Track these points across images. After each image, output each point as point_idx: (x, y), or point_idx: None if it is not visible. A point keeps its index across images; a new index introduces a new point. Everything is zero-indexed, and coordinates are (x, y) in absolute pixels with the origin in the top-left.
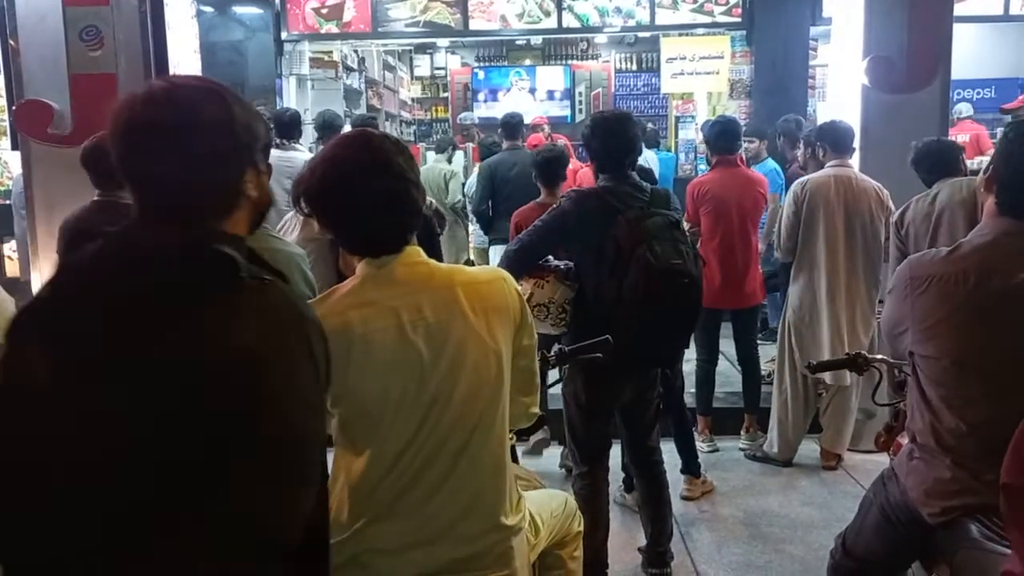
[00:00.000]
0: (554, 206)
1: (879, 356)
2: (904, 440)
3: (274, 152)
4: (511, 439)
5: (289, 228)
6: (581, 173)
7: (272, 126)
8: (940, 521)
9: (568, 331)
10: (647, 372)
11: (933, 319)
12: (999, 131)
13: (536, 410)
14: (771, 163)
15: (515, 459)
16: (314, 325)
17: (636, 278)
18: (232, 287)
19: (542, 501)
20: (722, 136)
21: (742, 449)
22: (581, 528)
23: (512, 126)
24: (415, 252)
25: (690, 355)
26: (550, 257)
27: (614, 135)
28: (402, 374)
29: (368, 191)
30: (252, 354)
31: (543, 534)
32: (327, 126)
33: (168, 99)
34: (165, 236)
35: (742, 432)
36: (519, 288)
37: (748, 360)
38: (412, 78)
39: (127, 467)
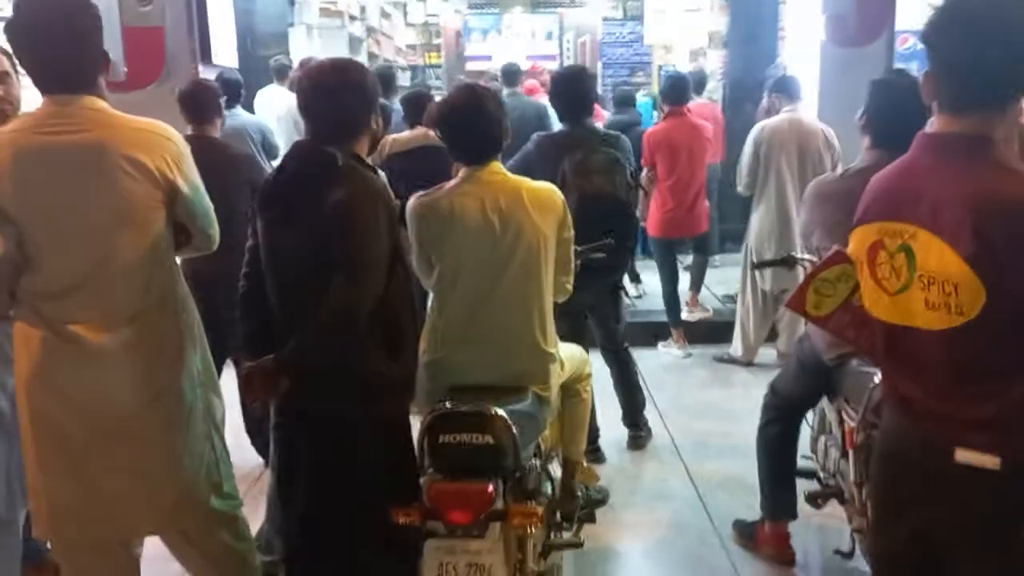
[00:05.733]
0: (524, 146)
1: (807, 256)
2: None
3: None
4: None
5: None
6: None
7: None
8: (835, 363)
9: None
10: (600, 279)
11: (832, 222)
12: None
13: (570, 286)
14: None
15: None
16: (381, 193)
17: (576, 203)
18: (335, 171)
19: (564, 346)
20: (673, 89)
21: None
22: (590, 371)
23: (511, 73)
24: (497, 166)
25: None
26: None
27: (569, 91)
28: (482, 240)
29: (466, 123)
30: (342, 206)
31: (567, 368)
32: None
33: (332, 68)
34: (309, 147)
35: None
36: (563, 198)
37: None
38: (406, 24)
39: (299, 264)
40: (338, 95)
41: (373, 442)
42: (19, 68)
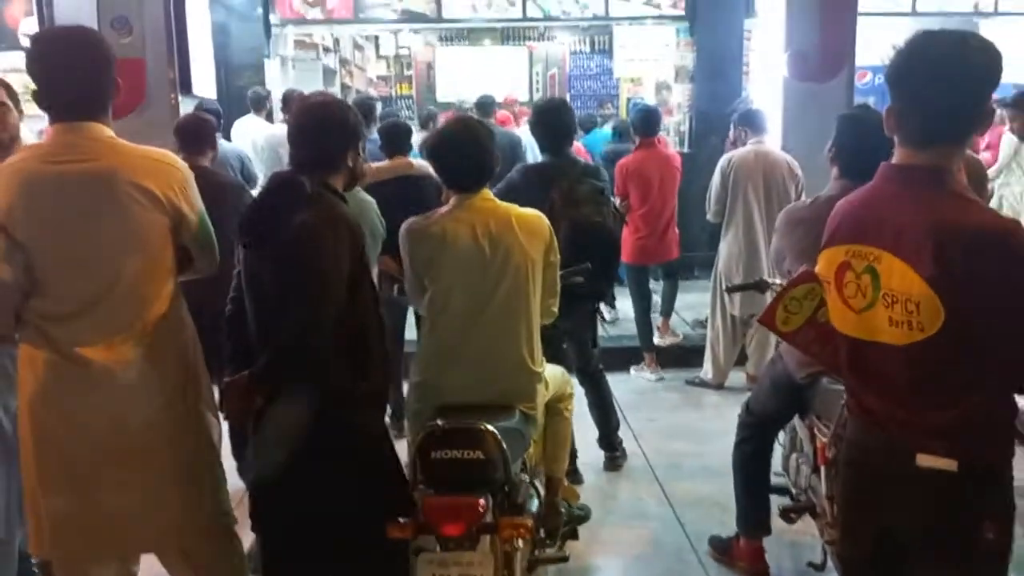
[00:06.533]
0: (509, 175)
1: (777, 280)
2: None
3: None
4: None
5: None
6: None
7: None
8: (807, 382)
9: None
10: (582, 305)
11: (801, 246)
12: None
13: (555, 309)
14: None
15: None
16: (344, 216)
17: (567, 232)
18: (303, 197)
19: (547, 367)
20: (644, 122)
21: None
22: (572, 391)
23: (485, 105)
24: (487, 193)
25: None
26: None
27: (552, 121)
28: (472, 264)
29: (460, 152)
30: (303, 226)
31: (551, 388)
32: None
33: (315, 105)
34: (283, 176)
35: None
36: (549, 224)
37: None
38: (377, 56)
39: (270, 286)
40: (317, 130)
41: (347, 456)
42: (19, 99)
